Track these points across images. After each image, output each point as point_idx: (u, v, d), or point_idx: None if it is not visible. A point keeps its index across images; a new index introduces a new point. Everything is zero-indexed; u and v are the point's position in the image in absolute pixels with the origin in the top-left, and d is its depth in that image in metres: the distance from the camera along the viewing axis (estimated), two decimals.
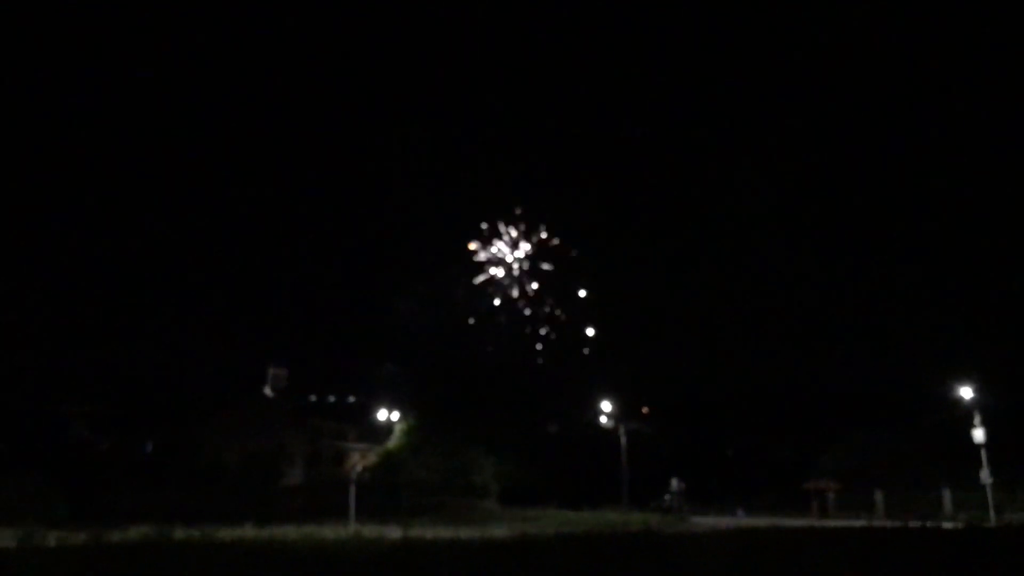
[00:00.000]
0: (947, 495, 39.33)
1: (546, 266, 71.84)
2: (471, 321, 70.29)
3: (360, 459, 58.35)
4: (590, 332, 68.15)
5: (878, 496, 41.28)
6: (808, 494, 45.11)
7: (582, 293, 69.57)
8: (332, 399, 74.05)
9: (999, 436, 36.24)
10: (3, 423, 42.99)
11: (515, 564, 13.11)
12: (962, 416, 38.33)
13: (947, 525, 20.65)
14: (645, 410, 60.84)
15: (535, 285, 70.01)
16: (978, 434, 35.28)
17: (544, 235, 71.76)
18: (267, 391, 59.33)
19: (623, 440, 49.43)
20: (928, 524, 19.13)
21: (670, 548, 15.86)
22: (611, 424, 56.94)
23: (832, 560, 13.78)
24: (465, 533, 22.12)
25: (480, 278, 69.15)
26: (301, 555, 13.67)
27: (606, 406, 53.65)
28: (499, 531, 23.96)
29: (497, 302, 70.36)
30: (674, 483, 49.40)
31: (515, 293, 72.90)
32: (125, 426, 49.67)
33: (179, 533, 15.87)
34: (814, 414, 57.43)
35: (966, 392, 37.13)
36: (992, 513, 32.66)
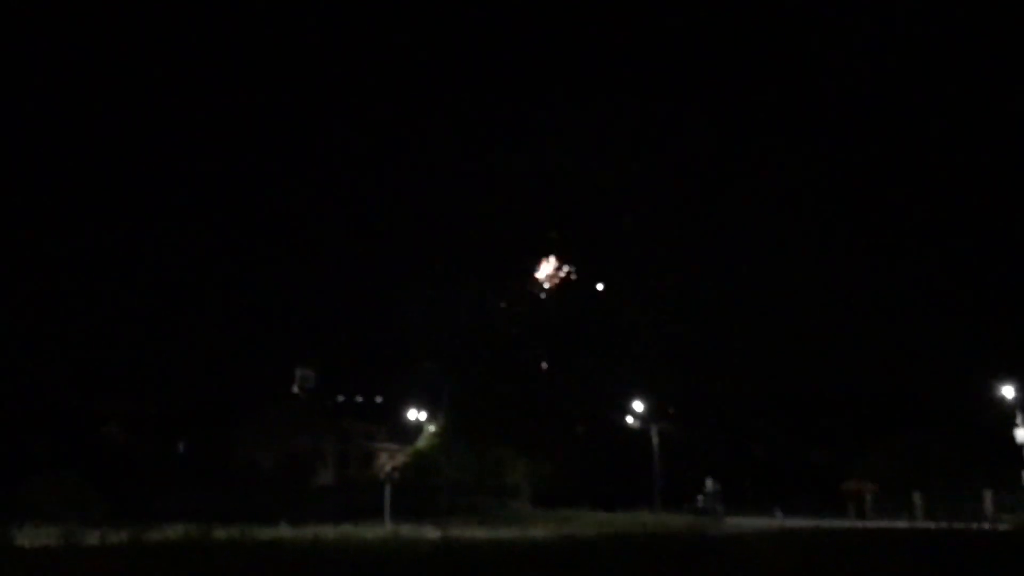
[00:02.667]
0: (988, 496, 38.65)
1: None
2: (499, 321, 69.99)
3: (389, 459, 58.43)
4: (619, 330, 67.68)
5: (917, 498, 40.62)
6: (844, 496, 44.50)
7: (606, 289, 69.28)
8: (360, 399, 74.19)
9: None
10: (37, 423, 43.31)
11: (562, 566, 12.89)
12: (1002, 416, 37.68)
13: (1002, 527, 20.17)
14: (671, 411, 60.40)
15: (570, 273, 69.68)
16: (1020, 434, 34.66)
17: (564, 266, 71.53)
18: (295, 392, 59.56)
19: (655, 440, 49.08)
20: (975, 526, 18.72)
21: (718, 550, 15.59)
22: (638, 424, 56.59)
23: (883, 562, 13.47)
24: (503, 534, 21.91)
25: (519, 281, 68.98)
26: (344, 555, 13.51)
27: (638, 406, 53.29)
28: (537, 532, 23.72)
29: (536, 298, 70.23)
30: (709, 484, 48.80)
31: (544, 295, 72.70)
32: (157, 427, 49.96)
33: (219, 533, 15.75)
34: (851, 415, 56.73)
35: (1008, 391, 36.45)
36: None
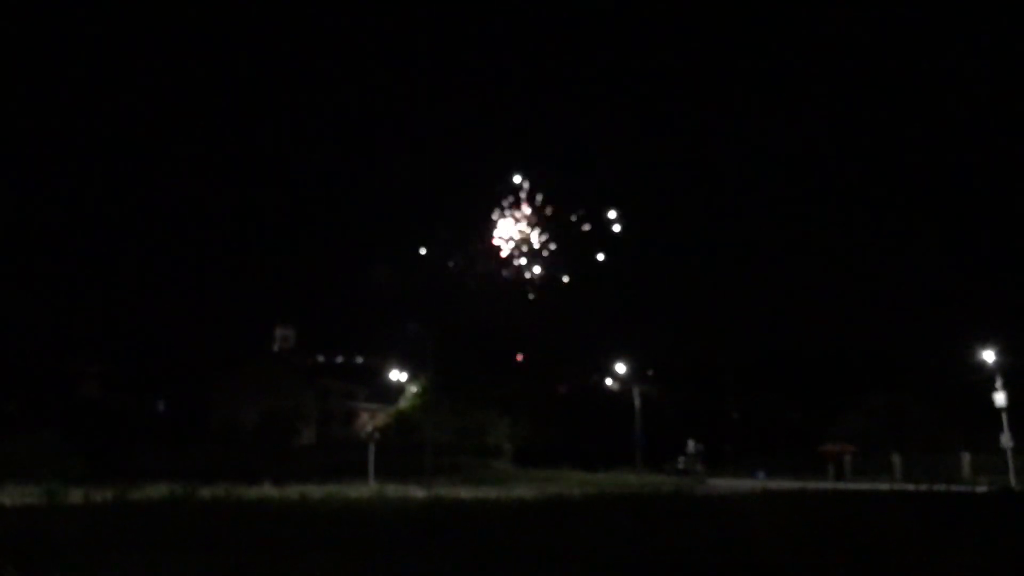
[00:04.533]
0: (966, 459, 39.05)
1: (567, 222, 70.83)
2: (478, 282, 69.49)
3: (370, 419, 58.39)
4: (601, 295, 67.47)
5: (896, 459, 41.00)
6: (824, 457, 44.87)
7: (600, 257, 68.90)
8: (340, 360, 74.05)
9: (1017, 400, 35.81)
10: (16, 382, 42.89)
11: (549, 524, 12.82)
12: (981, 380, 37.87)
13: (980, 489, 20.35)
14: (650, 373, 60.53)
15: (552, 246, 69.21)
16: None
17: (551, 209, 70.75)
18: (275, 351, 59.28)
19: (637, 402, 49.17)
20: (954, 488, 18.84)
21: (705, 510, 15.59)
22: (617, 387, 56.74)
23: (868, 522, 13.50)
24: (486, 493, 21.88)
25: (497, 239, 68.27)
26: (333, 514, 13.37)
27: (620, 368, 53.34)
28: (521, 491, 23.73)
29: (513, 263, 69.65)
30: (691, 445, 49.16)
31: (523, 260, 72.19)
32: (136, 385, 49.68)
33: (204, 492, 15.57)
34: (829, 377, 57.11)
35: (989, 355, 36.62)
36: (1012, 477, 32.38)
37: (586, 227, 68.75)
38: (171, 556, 8.41)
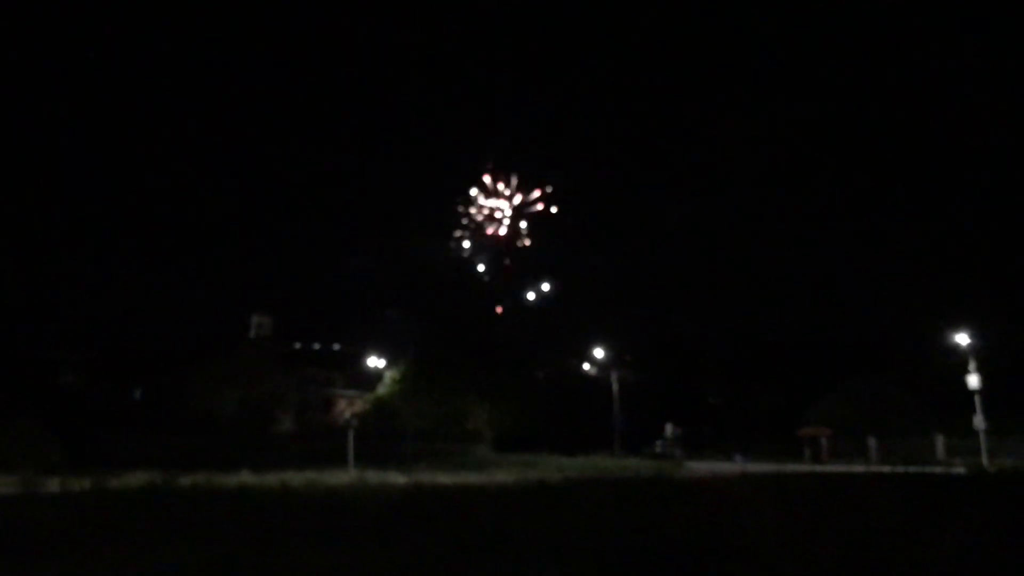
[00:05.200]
0: (940, 441, 39.53)
1: (539, 208, 70.92)
2: (458, 272, 69.63)
3: (348, 406, 58.24)
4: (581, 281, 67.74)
5: (871, 442, 41.43)
6: (801, 440, 45.25)
7: (575, 245, 69.02)
8: (318, 347, 73.79)
9: (989, 382, 36.29)
10: None
11: (532, 509, 12.82)
12: (955, 363, 38.32)
13: (955, 471, 20.61)
14: (628, 358, 60.79)
15: (527, 242, 69.30)
16: (973, 380, 35.29)
17: (533, 194, 70.82)
18: (252, 338, 58.95)
19: (615, 387, 49.38)
20: (928, 470, 19.10)
21: (686, 493, 15.67)
22: (596, 372, 56.94)
23: (846, 504, 13.62)
24: (467, 479, 21.88)
25: (472, 228, 68.31)
26: (314, 501, 13.32)
27: (598, 353, 53.51)
28: (502, 476, 23.75)
29: (485, 253, 69.65)
30: (669, 429, 49.48)
31: (500, 241, 72.24)
32: (113, 372, 49.20)
33: (184, 480, 15.45)
34: (807, 361, 57.52)
35: (962, 339, 37.07)
36: (985, 458, 32.82)
37: (554, 209, 68.63)
38: (151, 545, 8.33)
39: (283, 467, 28.12)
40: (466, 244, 68.66)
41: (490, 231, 69.14)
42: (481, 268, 63.48)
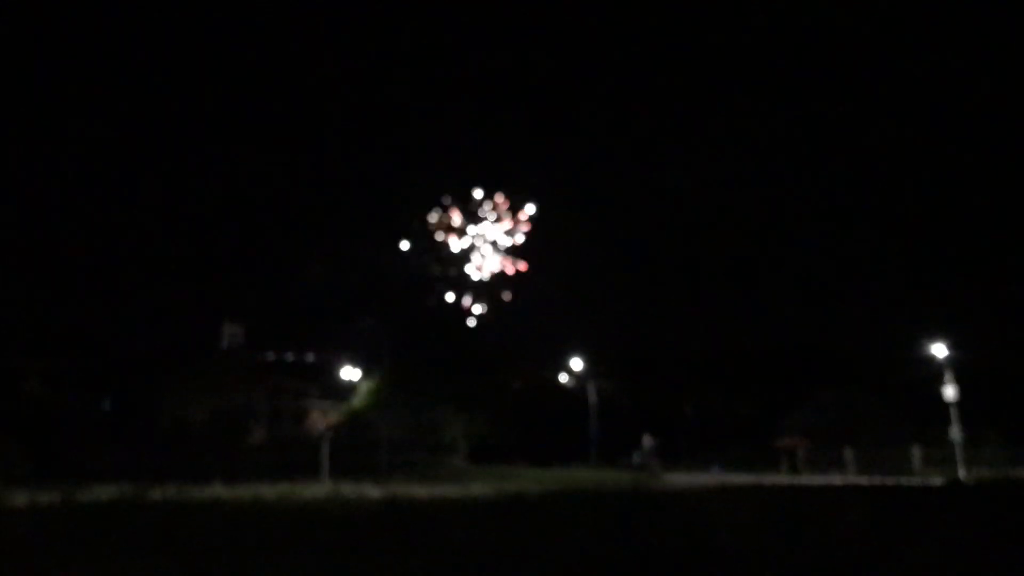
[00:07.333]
0: (916, 452, 39.75)
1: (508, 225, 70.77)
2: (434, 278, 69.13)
3: (322, 417, 57.87)
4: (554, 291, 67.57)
5: (848, 453, 41.60)
6: (777, 451, 45.35)
7: (550, 256, 68.90)
8: (291, 357, 73.26)
9: (965, 393, 36.59)
10: None
11: (511, 523, 12.65)
12: (931, 374, 38.60)
13: (933, 482, 20.66)
14: (602, 368, 60.79)
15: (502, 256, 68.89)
16: (949, 391, 35.54)
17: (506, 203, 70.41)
18: (223, 348, 58.44)
19: (592, 398, 49.27)
20: (906, 481, 19.13)
21: (666, 504, 15.52)
22: (572, 383, 56.85)
23: (826, 516, 13.55)
24: (443, 491, 21.63)
25: (446, 239, 67.81)
26: (288, 514, 13.04)
27: (575, 364, 53.43)
28: (478, 489, 23.52)
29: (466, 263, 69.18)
30: (646, 440, 49.35)
31: (477, 256, 71.88)
32: (81, 382, 48.44)
33: (155, 493, 15.12)
34: (783, 372, 57.77)
35: (939, 349, 37.33)
36: (961, 469, 33.03)
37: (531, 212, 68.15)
38: (122, 560, 8.08)
39: (256, 479, 27.72)
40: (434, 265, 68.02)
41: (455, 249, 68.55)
42: (450, 298, 62.76)
